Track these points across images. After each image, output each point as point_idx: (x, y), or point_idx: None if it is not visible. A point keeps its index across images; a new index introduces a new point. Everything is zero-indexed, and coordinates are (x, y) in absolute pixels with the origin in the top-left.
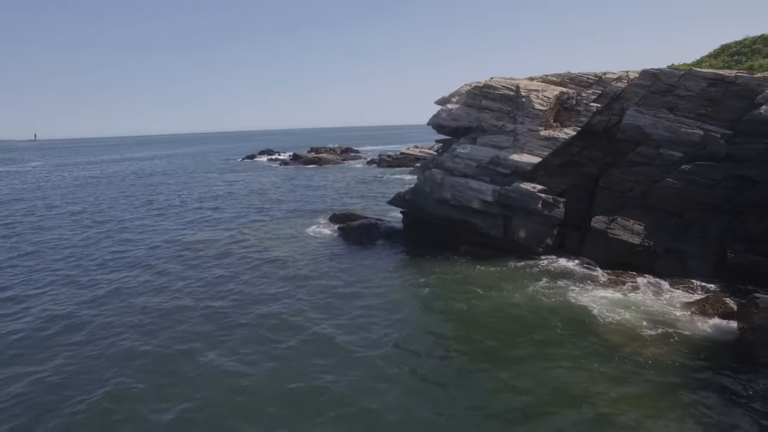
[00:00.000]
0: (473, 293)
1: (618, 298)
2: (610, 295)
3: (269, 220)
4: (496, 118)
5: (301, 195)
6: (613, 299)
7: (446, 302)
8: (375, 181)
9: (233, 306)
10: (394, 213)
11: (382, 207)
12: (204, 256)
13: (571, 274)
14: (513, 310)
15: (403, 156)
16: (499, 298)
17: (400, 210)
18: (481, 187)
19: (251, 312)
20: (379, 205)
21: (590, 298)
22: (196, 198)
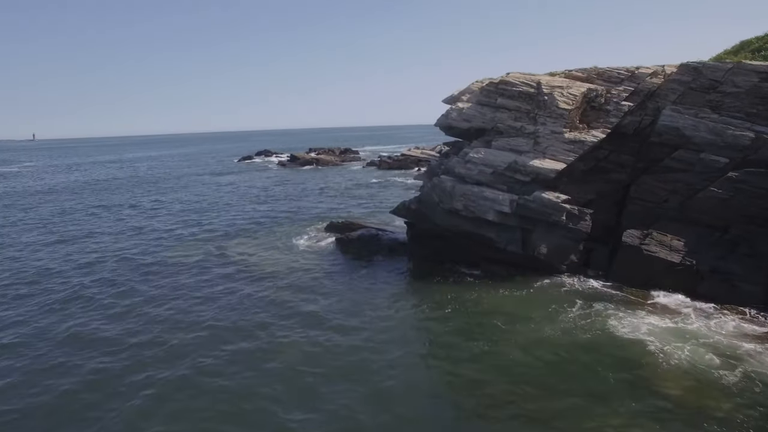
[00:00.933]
0: (493, 326)
1: (669, 327)
2: (659, 324)
3: (259, 229)
4: (514, 118)
5: (296, 200)
6: (663, 330)
7: (461, 339)
8: (375, 185)
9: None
10: (398, 222)
11: (383, 214)
12: (176, 276)
13: (604, 298)
14: (545, 349)
15: (404, 158)
16: (527, 333)
17: (405, 220)
18: (497, 197)
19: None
20: (380, 212)
21: (635, 328)
22: (183, 204)
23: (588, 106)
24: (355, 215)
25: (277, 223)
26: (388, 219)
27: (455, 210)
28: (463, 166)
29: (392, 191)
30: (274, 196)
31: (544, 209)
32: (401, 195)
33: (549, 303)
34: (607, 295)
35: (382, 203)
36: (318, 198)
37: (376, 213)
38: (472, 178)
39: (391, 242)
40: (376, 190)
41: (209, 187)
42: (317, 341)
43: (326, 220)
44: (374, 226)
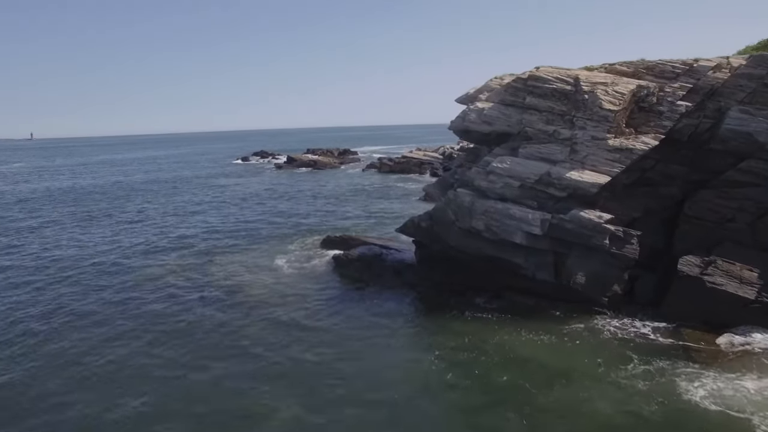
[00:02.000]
0: (523, 389)
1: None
2: (748, 386)
3: (245, 243)
4: (546, 121)
5: (291, 208)
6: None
7: (486, 408)
8: (376, 191)
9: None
10: (404, 236)
11: (386, 226)
12: (144, 300)
13: (661, 343)
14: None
15: (405, 160)
16: (569, 401)
17: (413, 239)
18: (525, 216)
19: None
20: (383, 224)
21: (719, 394)
22: (168, 211)
23: (636, 107)
24: (354, 226)
25: (266, 236)
26: (392, 232)
27: (475, 230)
28: (485, 178)
29: (394, 198)
30: (266, 202)
31: (582, 231)
32: (404, 202)
33: (592, 352)
34: (665, 339)
35: (384, 212)
36: (314, 205)
37: (378, 226)
38: (496, 193)
39: (397, 264)
40: (376, 197)
41: (198, 192)
42: (305, 392)
43: (322, 232)
44: (377, 242)
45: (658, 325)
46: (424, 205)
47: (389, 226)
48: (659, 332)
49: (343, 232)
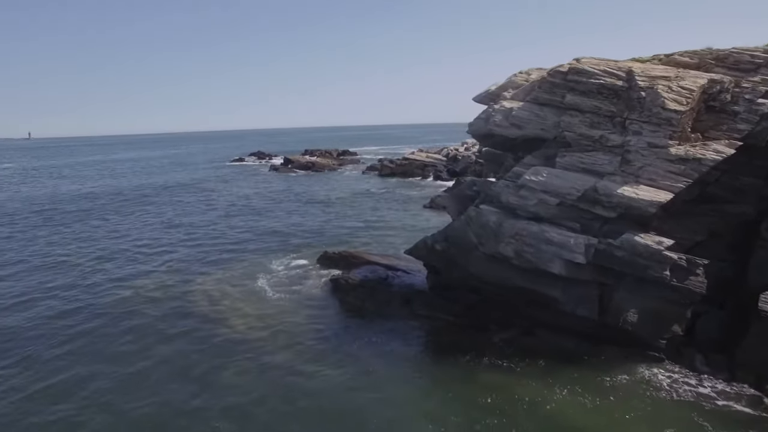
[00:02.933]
0: None
1: None
2: None
3: (233, 259)
4: (590, 123)
5: (284, 216)
6: None
7: None
8: (377, 196)
9: None
10: None
11: (390, 239)
12: (103, 335)
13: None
14: None
15: (407, 162)
16: None
17: (425, 263)
18: (566, 240)
19: None
20: (386, 237)
21: None
22: (149, 221)
23: (704, 107)
24: (353, 239)
25: (255, 250)
26: (397, 245)
27: (502, 256)
28: (515, 194)
29: (397, 204)
30: (257, 210)
31: (637, 259)
32: (408, 210)
33: (649, 419)
34: (742, 400)
35: (386, 222)
36: (309, 213)
37: (380, 238)
38: (528, 212)
39: (406, 290)
40: (378, 203)
41: (187, 196)
42: None
43: (318, 246)
44: (382, 261)
45: (731, 382)
46: (429, 213)
47: (392, 237)
48: (733, 390)
49: (342, 244)
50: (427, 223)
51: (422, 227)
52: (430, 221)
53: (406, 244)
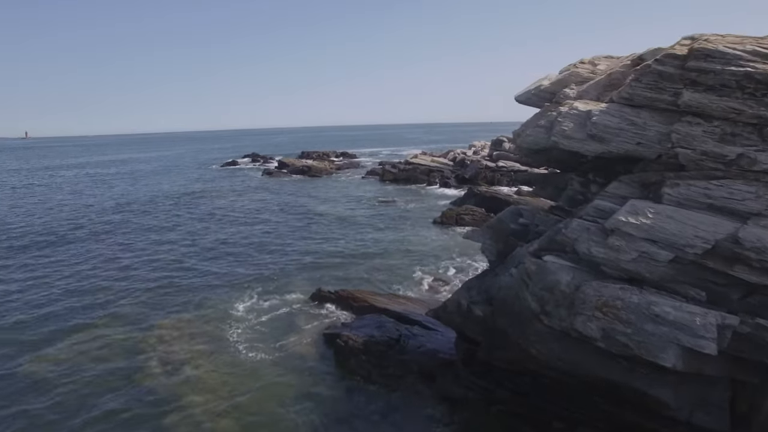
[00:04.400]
0: None
1: None
2: None
3: (203, 295)
4: (721, 136)
5: (271, 236)
6: None
7: None
8: (380, 209)
9: None
10: (422, 289)
11: (399, 270)
12: (25, 407)
13: None
14: None
15: (411, 167)
16: None
17: (456, 327)
18: (688, 318)
19: None
20: (393, 266)
21: None
22: (110, 240)
23: None
24: (352, 265)
25: (230, 283)
26: (407, 275)
27: (581, 335)
28: (601, 242)
29: (403, 219)
30: (240, 226)
31: None
32: (416, 226)
33: None
34: None
35: (391, 243)
36: (301, 232)
37: (386, 266)
38: (623, 269)
39: (427, 358)
40: (380, 218)
41: (162, 208)
42: None
43: (309, 280)
44: (392, 308)
45: None
46: (439, 231)
47: (399, 263)
48: None
49: (339, 280)
50: (439, 244)
51: (433, 250)
52: (441, 241)
53: (416, 274)
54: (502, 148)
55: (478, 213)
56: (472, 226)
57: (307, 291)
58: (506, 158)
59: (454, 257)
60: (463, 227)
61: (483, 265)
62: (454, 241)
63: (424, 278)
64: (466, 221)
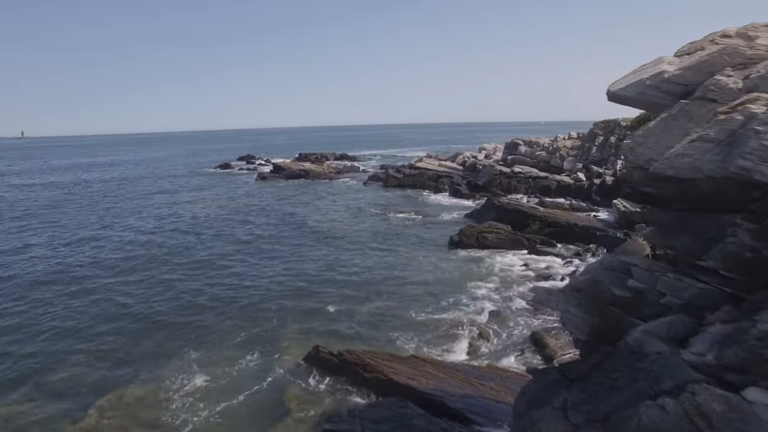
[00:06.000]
0: None
1: None
2: None
3: (153, 367)
4: None
5: (256, 264)
6: None
7: None
8: (386, 224)
9: None
10: (464, 352)
11: (415, 314)
12: None
13: None
14: None
15: (418, 172)
16: None
17: None
18: None
19: None
20: (408, 308)
21: None
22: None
23: None
24: (357, 309)
25: (192, 340)
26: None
27: None
28: None
29: (413, 237)
30: (222, 244)
31: None
32: (427, 247)
33: None
34: None
35: (403, 274)
36: (293, 257)
37: (399, 309)
38: None
39: None
40: (386, 235)
41: (137, 220)
42: None
43: (303, 332)
44: (420, 387)
45: None
46: (459, 256)
47: (415, 296)
48: None
49: (339, 314)
50: (461, 272)
51: (455, 280)
52: (463, 268)
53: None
54: (517, 152)
55: (504, 231)
56: (499, 248)
57: (299, 346)
58: (522, 163)
59: (483, 292)
60: (488, 249)
61: (522, 303)
62: (481, 270)
63: (450, 324)
64: (489, 241)
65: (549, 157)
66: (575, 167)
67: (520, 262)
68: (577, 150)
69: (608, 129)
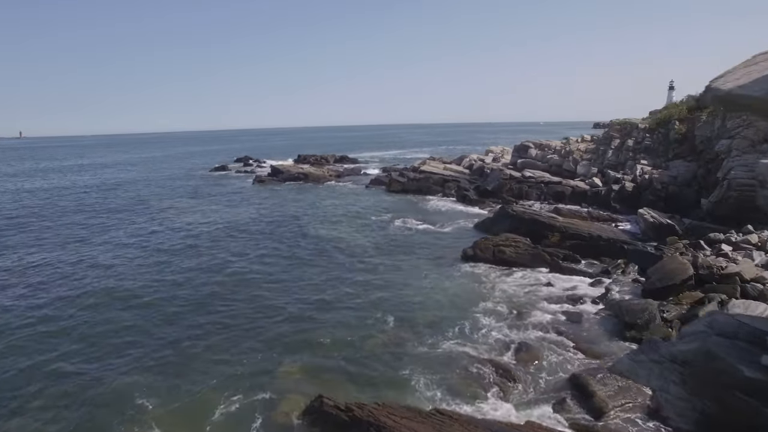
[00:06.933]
0: None
1: None
2: None
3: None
4: None
5: (244, 283)
6: None
7: None
8: (390, 234)
9: None
10: (482, 396)
11: (436, 342)
12: None
13: None
14: None
15: (423, 176)
16: None
17: None
18: None
19: None
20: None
21: None
22: None
23: None
24: (367, 345)
25: (150, 384)
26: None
27: None
28: None
29: (420, 249)
30: (206, 260)
31: None
32: (438, 259)
33: None
34: None
35: (414, 298)
36: (285, 271)
37: (416, 338)
38: None
39: None
40: (391, 247)
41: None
42: None
43: (304, 372)
44: None
45: None
46: (475, 274)
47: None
48: None
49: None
50: (479, 293)
51: (472, 303)
52: (481, 290)
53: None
54: (527, 155)
55: (522, 245)
56: (518, 264)
57: (295, 391)
58: (533, 167)
59: (505, 318)
60: (506, 265)
61: (553, 335)
62: (500, 290)
63: (472, 361)
64: (507, 256)
65: (561, 161)
66: (590, 172)
67: (542, 280)
68: (592, 153)
69: (625, 131)
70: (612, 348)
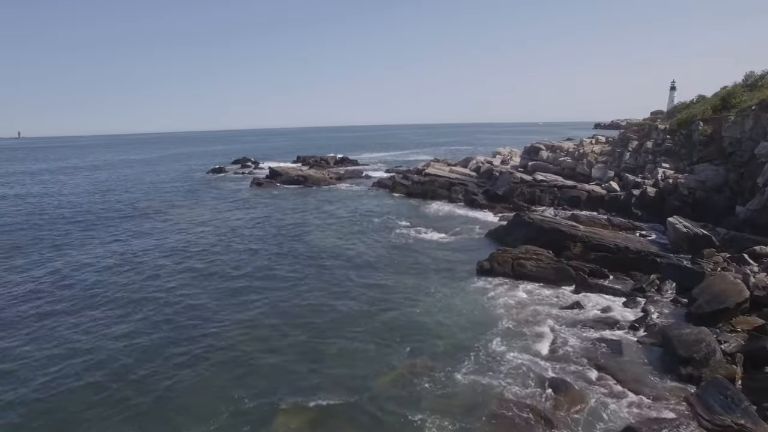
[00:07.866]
0: None
1: None
2: None
3: None
4: None
5: (237, 302)
6: None
7: None
8: (400, 243)
9: None
10: None
11: (455, 375)
12: None
13: None
14: None
15: (428, 179)
16: None
17: None
18: None
19: None
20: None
21: None
22: None
23: None
24: (375, 385)
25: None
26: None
27: None
28: None
29: (429, 261)
30: (197, 276)
31: None
32: (449, 273)
33: None
34: None
35: (428, 325)
36: (282, 287)
37: (431, 373)
38: None
39: None
40: (402, 260)
41: (96, 252)
42: None
43: (302, 419)
44: None
45: None
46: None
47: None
48: None
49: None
50: (497, 313)
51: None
52: (500, 312)
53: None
54: (538, 158)
55: (545, 258)
56: (540, 280)
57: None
58: (544, 170)
59: (535, 348)
60: (527, 281)
61: (593, 373)
62: (524, 312)
63: (504, 406)
64: (528, 270)
65: (575, 164)
66: (606, 175)
67: (570, 299)
68: (607, 156)
69: (643, 133)
70: (666, 387)
